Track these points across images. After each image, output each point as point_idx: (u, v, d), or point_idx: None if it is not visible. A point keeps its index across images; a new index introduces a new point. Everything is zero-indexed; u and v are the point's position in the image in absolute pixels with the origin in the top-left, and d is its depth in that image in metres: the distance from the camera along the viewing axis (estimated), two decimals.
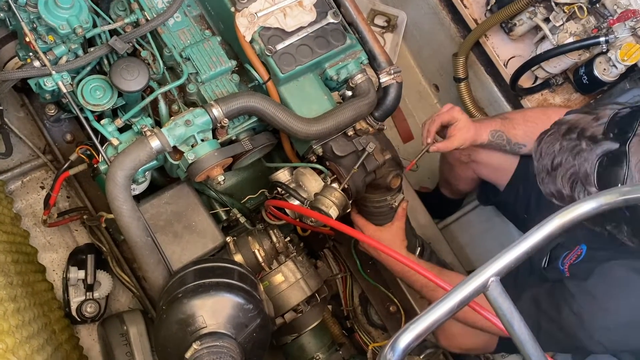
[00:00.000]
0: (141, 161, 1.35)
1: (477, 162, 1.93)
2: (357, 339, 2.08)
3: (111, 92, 1.45)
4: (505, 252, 0.91)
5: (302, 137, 1.47)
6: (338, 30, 1.54)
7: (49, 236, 1.97)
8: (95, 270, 1.87)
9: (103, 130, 1.44)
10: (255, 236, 1.62)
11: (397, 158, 1.67)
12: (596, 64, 1.93)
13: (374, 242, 1.39)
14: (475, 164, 1.94)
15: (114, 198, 1.34)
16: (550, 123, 1.68)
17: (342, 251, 2.09)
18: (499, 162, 1.87)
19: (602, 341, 1.40)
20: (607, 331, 1.39)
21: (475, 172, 1.99)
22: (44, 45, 1.40)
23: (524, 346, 0.91)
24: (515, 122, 1.76)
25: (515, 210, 1.95)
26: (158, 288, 1.42)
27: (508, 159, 1.86)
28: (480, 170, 1.96)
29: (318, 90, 1.54)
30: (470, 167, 1.98)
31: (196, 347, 1.22)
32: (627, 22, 1.81)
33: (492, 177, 1.95)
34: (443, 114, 1.72)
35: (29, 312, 1.54)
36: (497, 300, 0.90)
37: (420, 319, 0.87)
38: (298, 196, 1.55)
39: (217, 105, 1.40)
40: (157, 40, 1.52)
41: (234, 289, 1.32)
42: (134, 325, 1.75)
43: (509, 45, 2.18)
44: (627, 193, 0.93)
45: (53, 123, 1.93)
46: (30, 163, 1.96)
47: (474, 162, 1.93)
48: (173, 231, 1.53)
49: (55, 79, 1.39)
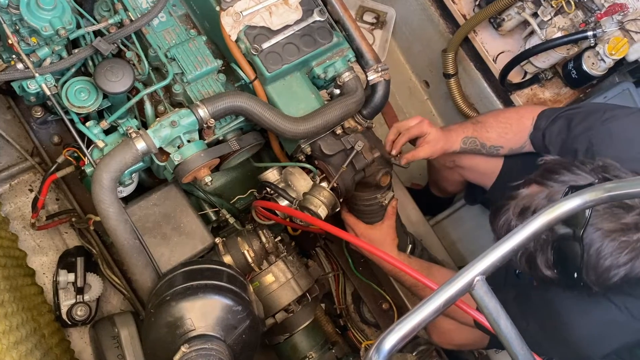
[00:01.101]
0: (127, 163, 1.34)
1: (461, 167, 1.93)
2: (350, 337, 2.08)
3: (96, 94, 1.44)
4: (490, 250, 0.91)
5: (290, 136, 1.46)
6: (325, 28, 1.53)
7: (38, 239, 1.96)
8: (85, 273, 1.86)
9: (88, 133, 1.43)
10: (245, 237, 1.62)
11: (386, 156, 1.66)
12: (585, 58, 1.93)
13: (362, 244, 1.39)
14: (460, 169, 1.94)
15: (100, 201, 1.33)
16: (523, 123, 1.69)
17: (334, 249, 2.08)
18: (483, 166, 1.86)
19: (562, 353, 1.45)
20: (566, 344, 1.41)
21: (461, 175, 1.99)
22: (26, 47, 1.39)
23: (511, 344, 0.91)
24: (488, 125, 1.74)
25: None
26: (146, 290, 1.41)
27: (492, 162, 1.84)
28: (465, 174, 1.97)
29: (305, 88, 1.54)
30: (456, 171, 1.98)
31: (185, 350, 1.21)
32: (614, 16, 1.80)
33: (478, 179, 1.95)
34: (412, 128, 1.69)
35: (17, 317, 1.52)
36: (483, 299, 0.90)
37: (405, 320, 0.86)
38: (287, 196, 1.54)
39: (203, 105, 1.39)
40: (142, 40, 1.51)
41: (222, 291, 1.31)
42: (125, 327, 1.73)
43: (498, 41, 2.18)
44: (612, 189, 0.93)
45: (40, 125, 1.91)
46: (18, 166, 1.94)
47: (459, 167, 1.93)
48: (161, 233, 1.52)
49: (39, 82, 1.38)
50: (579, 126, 1.53)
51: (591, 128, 1.49)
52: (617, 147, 1.43)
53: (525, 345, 0.90)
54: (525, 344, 0.90)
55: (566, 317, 1.39)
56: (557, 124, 1.60)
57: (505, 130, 1.71)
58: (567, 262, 1.20)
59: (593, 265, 1.17)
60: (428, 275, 1.28)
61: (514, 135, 1.71)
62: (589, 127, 1.50)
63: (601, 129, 1.47)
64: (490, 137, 1.73)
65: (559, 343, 1.41)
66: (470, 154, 1.81)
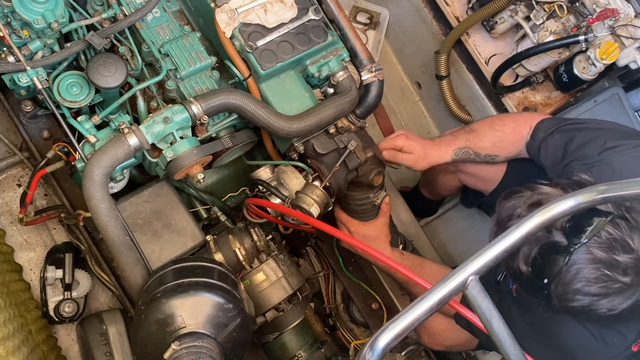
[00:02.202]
0: (119, 159, 1.33)
1: (464, 172, 1.93)
2: (340, 336, 2.08)
3: (88, 89, 1.43)
4: (484, 250, 0.91)
5: (284, 134, 1.46)
6: (319, 27, 1.53)
7: (26, 235, 1.94)
8: (73, 270, 1.84)
9: (80, 128, 1.42)
10: (236, 235, 1.61)
11: (379, 155, 1.67)
12: (576, 63, 1.94)
13: (355, 242, 1.39)
14: (462, 174, 1.94)
15: (91, 197, 1.32)
16: (519, 132, 1.68)
17: (325, 249, 2.08)
18: (487, 173, 1.86)
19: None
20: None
21: (461, 181, 1.99)
22: (18, 40, 1.37)
23: (503, 344, 0.91)
24: (482, 133, 1.73)
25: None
26: (137, 287, 1.40)
27: (495, 170, 1.84)
28: (466, 179, 1.97)
29: (299, 87, 1.53)
30: (457, 177, 1.98)
31: (175, 348, 1.21)
32: (606, 21, 1.82)
33: (478, 185, 1.95)
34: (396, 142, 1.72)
35: (4, 313, 1.51)
36: (476, 299, 0.90)
37: (399, 319, 0.86)
38: (279, 194, 1.54)
39: (196, 102, 1.38)
40: (136, 35, 1.50)
41: (213, 289, 1.30)
42: (114, 324, 1.72)
43: (490, 44, 2.19)
44: (605, 192, 0.94)
45: (29, 119, 1.89)
46: (6, 160, 1.91)
47: (461, 172, 1.93)
48: (152, 230, 1.51)
49: (30, 75, 1.36)
50: (577, 151, 1.49)
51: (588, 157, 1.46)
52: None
53: (517, 346, 0.90)
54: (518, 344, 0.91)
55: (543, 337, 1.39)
56: (554, 139, 1.58)
57: (501, 139, 1.71)
58: (544, 267, 1.19)
59: (565, 281, 1.16)
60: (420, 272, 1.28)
61: (509, 144, 1.71)
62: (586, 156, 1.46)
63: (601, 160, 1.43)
64: (485, 146, 1.73)
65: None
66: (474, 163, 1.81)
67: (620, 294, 1.14)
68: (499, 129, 1.72)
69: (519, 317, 1.45)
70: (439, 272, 1.75)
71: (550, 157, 1.59)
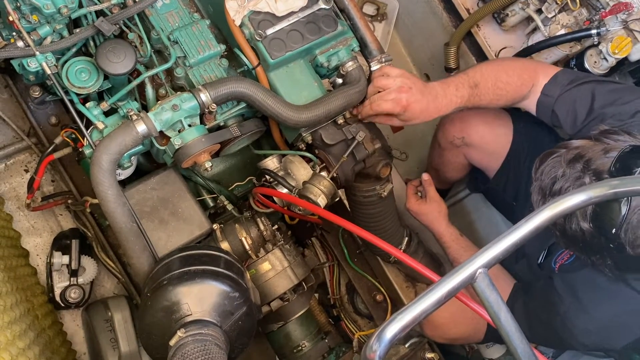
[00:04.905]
0: (127, 146, 1.33)
1: (469, 146, 1.91)
2: (343, 327, 2.08)
3: (97, 75, 1.42)
4: (493, 243, 0.90)
5: (292, 124, 1.45)
6: (329, 16, 1.52)
7: (33, 220, 1.95)
8: (79, 256, 1.85)
9: (88, 114, 1.42)
10: (243, 224, 1.61)
11: (387, 147, 1.66)
12: (587, 57, 1.92)
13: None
14: (467, 148, 1.92)
15: (99, 183, 1.31)
16: (523, 90, 1.62)
17: (330, 240, 2.08)
18: (492, 146, 1.86)
19: (584, 342, 1.44)
20: (588, 333, 1.42)
21: (466, 157, 1.98)
22: (27, 25, 1.36)
23: (510, 338, 0.91)
24: (484, 91, 1.62)
25: (504, 198, 1.95)
26: (143, 274, 1.40)
27: (501, 143, 1.84)
28: (471, 154, 1.95)
29: (308, 76, 1.53)
30: (462, 152, 1.97)
31: (181, 335, 1.21)
32: (618, 15, 1.80)
33: (483, 162, 1.94)
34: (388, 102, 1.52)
35: (11, 297, 1.51)
36: (485, 292, 0.90)
37: (406, 310, 0.86)
38: (286, 184, 1.53)
39: (205, 90, 1.37)
40: (145, 22, 1.49)
41: (219, 277, 1.30)
42: (119, 311, 1.73)
43: (501, 36, 2.17)
44: (617, 186, 0.93)
45: (37, 105, 1.89)
46: (14, 146, 1.92)
47: (466, 146, 1.92)
48: (159, 217, 1.51)
49: (39, 60, 1.36)
50: (607, 108, 1.46)
51: (622, 115, 1.43)
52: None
53: (524, 339, 0.90)
54: (525, 337, 0.90)
55: (588, 304, 1.39)
56: (573, 95, 1.54)
57: (498, 98, 1.65)
58: (606, 217, 1.18)
59: (634, 225, 1.16)
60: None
61: (505, 102, 1.67)
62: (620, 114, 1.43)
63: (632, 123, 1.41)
64: (485, 102, 1.66)
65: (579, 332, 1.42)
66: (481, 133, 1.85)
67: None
68: (501, 86, 1.63)
69: (564, 292, 1.44)
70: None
71: (571, 112, 1.55)
